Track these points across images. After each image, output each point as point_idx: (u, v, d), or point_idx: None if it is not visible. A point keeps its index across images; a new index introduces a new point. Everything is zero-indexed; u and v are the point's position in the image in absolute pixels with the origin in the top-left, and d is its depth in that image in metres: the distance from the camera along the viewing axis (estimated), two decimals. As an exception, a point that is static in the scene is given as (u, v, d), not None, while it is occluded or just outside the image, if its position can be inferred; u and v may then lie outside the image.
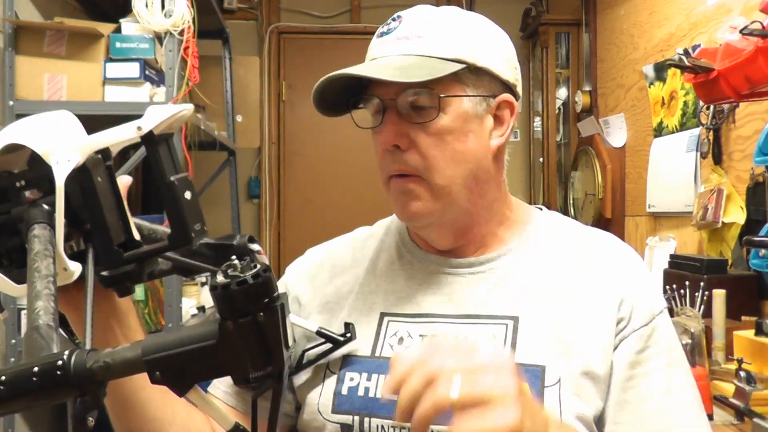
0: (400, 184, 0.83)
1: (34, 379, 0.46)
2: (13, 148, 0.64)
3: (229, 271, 0.48)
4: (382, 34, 0.85)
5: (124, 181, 0.69)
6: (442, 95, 0.81)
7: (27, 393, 0.47)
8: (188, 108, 0.63)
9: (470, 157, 0.83)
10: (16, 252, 0.67)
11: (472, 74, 0.83)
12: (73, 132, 0.63)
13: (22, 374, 0.46)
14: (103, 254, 0.64)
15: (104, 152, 0.64)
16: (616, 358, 0.80)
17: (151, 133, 0.60)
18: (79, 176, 0.62)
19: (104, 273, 0.65)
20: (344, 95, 0.87)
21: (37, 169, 0.64)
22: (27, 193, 0.66)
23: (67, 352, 0.47)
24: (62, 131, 0.63)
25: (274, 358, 0.49)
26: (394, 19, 0.86)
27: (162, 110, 0.61)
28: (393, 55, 0.82)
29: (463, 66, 0.81)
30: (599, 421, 0.80)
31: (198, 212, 0.64)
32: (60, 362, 0.46)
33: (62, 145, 0.62)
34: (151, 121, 0.60)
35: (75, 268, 0.62)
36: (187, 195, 0.63)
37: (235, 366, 0.49)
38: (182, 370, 0.48)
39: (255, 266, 0.48)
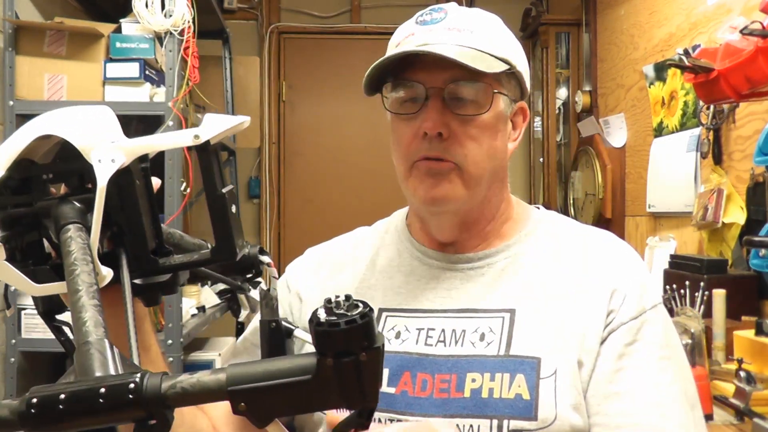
0: (432, 165, 0.83)
1: (101, 400, 0.44)
2: (43, 137, 0.61)
3: (333, 308, 0.47)
4: (425, 23, 0.85)
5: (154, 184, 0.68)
6: (495, 91, 0.84)
7: (91, 413, 0.44)
8: (246, 120, 0.62)
9: (499, 154, 0.87)
10: (32, 247, 0.65)
11: (508, 76, 0.86)
12: (116, 131, 0.61)
13: (87, 393, 0.44)
14: (136, 260, 0.62)
15: (142, 155, 0.62)
16: (604, 349, 0.81)
17: (207, 142, 0.59)
18: (120, 177, 0.60)
19: (137, 281, 0.63)
20: (379, 76, 0.86)
21: (67, 164, 0.62)
22: (52, 188, 0.64)
23: (139, 375, 0.45)
24: (104, 128, 0.60)
25: (368, 397, 0.48)
26: (436, 10, 0.86)
27: (221, 120, 0.59)
28: (449, 43, 0.82)
29: (508, 67, 0.84)
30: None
31: (240, 227, 0.63)
32: (132, 385, 0.44)
33: (106, 144, 0.59)
34: (210, 130, 0.59)
35: (107, 272, 0.59)
36: (233, 209, 0.62)
37: (327, 403, 0.48)
38: (269, 403, 0.46)
39: (358, 305, 0.47)
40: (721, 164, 2.16)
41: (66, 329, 0.71)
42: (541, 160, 3.68)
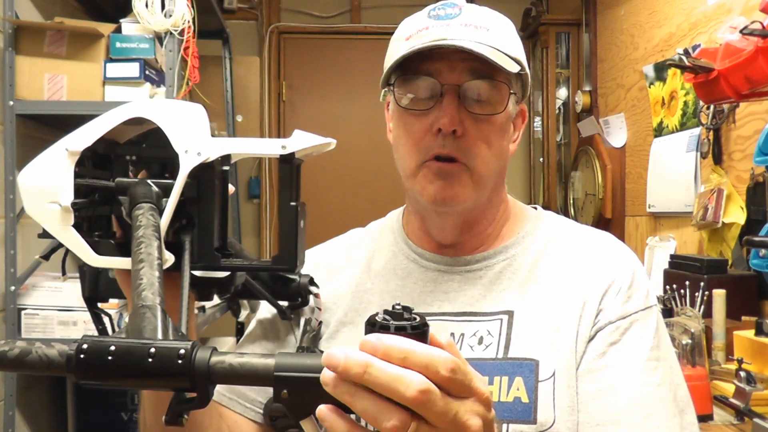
0: (443, 167, 0.82)
1: (150, 359, 0.44)
2: (132, 122, 0.64)
3: (391, 315, 0.48)
4: (440, 17, 0.83)
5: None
6: (511, 92, 0.83)
7: (136, 371, 0.45)
8: (332, 142, 0.64)
9: (504, 155, 0.87)
10: (100, 221, 0.67)
11: (516, 77, 0.85)
12: (206, 128, 0.64)
13: (137, 351, 0.45)
14: (199, 254, 0.63)
15: (225, 157, 0.64)
16: (590, 347, 0.80)
17: (292, 154, 0.62)
18: (202, 172, 0.62)
19: (196, 273, 0.64)
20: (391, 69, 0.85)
21: (153, 150, 0.65)
22: (132, 169, 0.66)
23: (191, 343, 0.46)
24: (196, 123, 0.63)
25: None
26: (449, 5, 0.84)
27: (308, 137, 0.63)
28: (467, 39, 0.80)
29: (520, 68, 0.83)
30: None
31: (304, 244, 0.65)
32: (183, 351, 0.45)
33: (195, 137, 0.62)
34: (297, 143, 0.62)
35: (169, 257, 0.61)
36: (302, 224, 0.64)
37: None
38: (311, 396, 0.46)
39: (416, 317, 0.49)
40: (721, 164, 2.16)
41: (105, 319, 0.74)
42: (541, 160, 3.68)
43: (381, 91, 0.90)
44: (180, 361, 0.44)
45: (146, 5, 2.13)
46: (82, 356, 0.45)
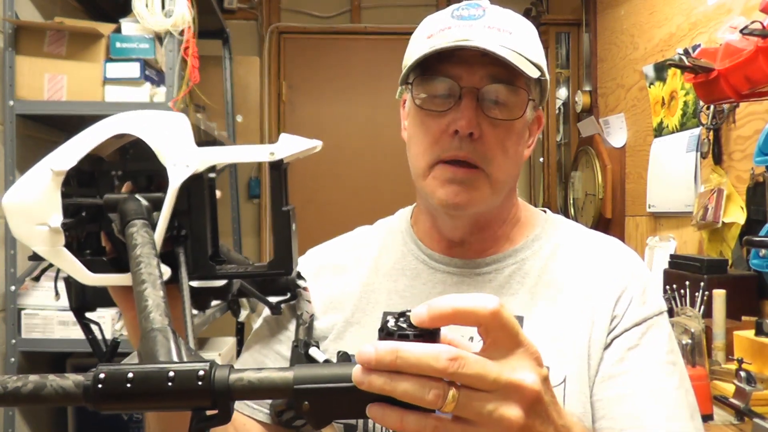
0: (458, 172, 0.80)
1: (169, 383, 0.45)
2: (116, 136, 0.63)
3: (400, 321, 0.49)
4: (462, 17, 0.82)
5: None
6: (530, 98, 0.82)
7: (157, 395, 0.45)
8: (318, 144, 0.64)
9: (520, 160, 0.86)
10: (89, 238, 0.67)
11: (536, 83, 0.84)
12: (190, 138, 0.63)
13: (155, 376, 0.45)
14: (195, 265, 0.63)
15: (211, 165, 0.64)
16: (608, 354, 0.80)
17: (281, 160, 0.62)
18: (191, 184, 0.62)
19: (193, 284, 0.64)
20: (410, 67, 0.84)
21: (138, 163, 0.64)
22: (117, 183, 0.66)
23: (209, 364, 0.46)
24: (180, 134, 0.63)
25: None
26: (473, 6, 0.83)
27: (297, 142, 0.63)
28: (491, 42, 0.78)
29: (540, 73, 0.82)
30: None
31: (297, 246, 0.65)
32: (202, 372, 0.45)
33: (182, 150, 0.61)
34: (286, 149, 0.62)
35: (165, 270, 0.61)
36: (293, 227, 0.64)
37: None
38: (331, 405, 0.48)
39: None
40: (721, 164, 2.16)
41: (94, 328, 0.73)
42: (541, 160, 3.68)
43: (397, 88, 0.89)
44: (200, 383, 0.45)
45: (146, 5, 2.13)
46: (99, 387, 0.45)
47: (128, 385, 0.45)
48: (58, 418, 2.40)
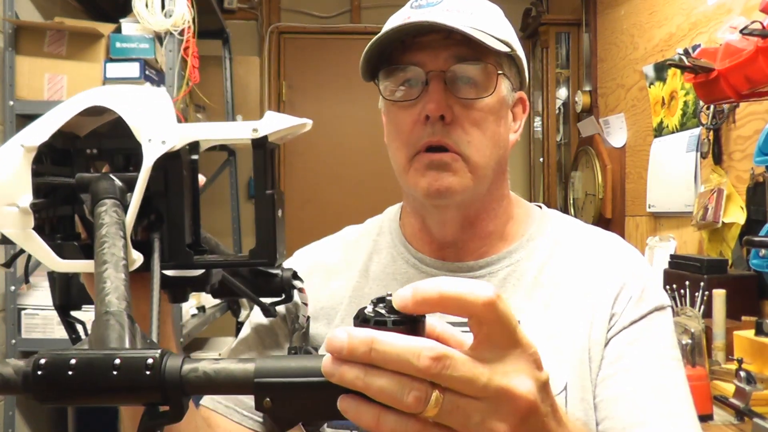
0: (434, 157, 0.78)
1: (114, 372, 0.40)
2: (92, 112, 0.58)
3: (378, 307, 0.43)
4: (421, 6, 0.81)
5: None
6: (499, 72, 0.80)
7: (101, 386, 0.40)
8: (308, 122, 0.60)
9: (502, 142, 0.83)
10: (62, 222, 0.62)
11: (509, 62, 0.83)
12: (170, 115, 0.58)
13: (100, 363, 0.40)
14: (170, 252, 0.58)
15: (193, 145, 0.59)
16: (608, 352, 0.78)
17: (265, 137, 0.57)
18: (168, 163, 0.56)
19: (168, 273, 0.59)
20: (375, 63, 0.82)
21: (114, 141, 0.60)
22: (94, 164, 0.61)
23: (159, 351, 0.40)
24: (159, 110, 0.58)
25: None
26: None
27: (282, 118, 0.58)
28: (449, 21, 0.76)
29: (509, 50, 0.81)
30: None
31: (283, 234, 0.59)
32: (151, 360, 0.40)
33: (159, 125, 0.56)
34: (270, 126, 0.57)
35: (137, 257, 0.55)
36: (279, 213, 0.59)
37: None
38: (297, 403, 0.41)
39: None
40: (721, 164, 2.16)
41: (79, 327, 0.69)
42: (541, 160, 3.68)
43: (378, 94, 0.86)
44: (148, 372, 0.40)
45: (146, 5, 2.13)
46: (39, 373, 0.40)
47: (70, 372, 0.39)
48: (58, 417, 2.40)
